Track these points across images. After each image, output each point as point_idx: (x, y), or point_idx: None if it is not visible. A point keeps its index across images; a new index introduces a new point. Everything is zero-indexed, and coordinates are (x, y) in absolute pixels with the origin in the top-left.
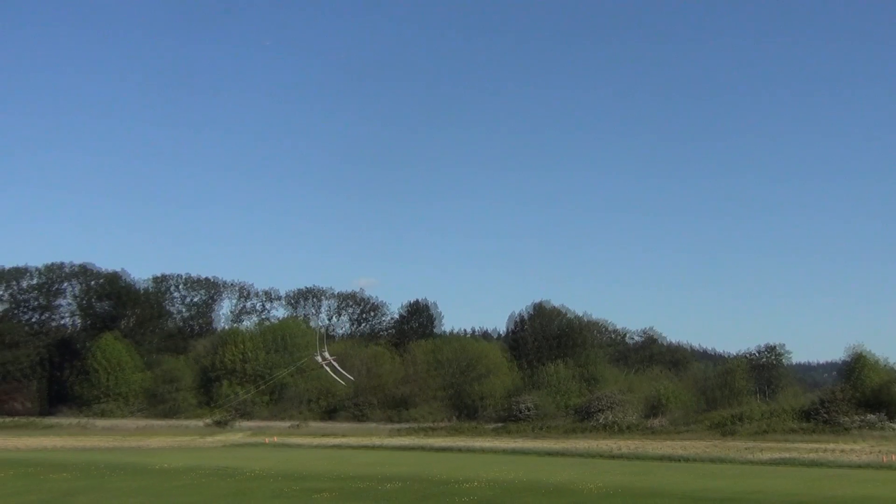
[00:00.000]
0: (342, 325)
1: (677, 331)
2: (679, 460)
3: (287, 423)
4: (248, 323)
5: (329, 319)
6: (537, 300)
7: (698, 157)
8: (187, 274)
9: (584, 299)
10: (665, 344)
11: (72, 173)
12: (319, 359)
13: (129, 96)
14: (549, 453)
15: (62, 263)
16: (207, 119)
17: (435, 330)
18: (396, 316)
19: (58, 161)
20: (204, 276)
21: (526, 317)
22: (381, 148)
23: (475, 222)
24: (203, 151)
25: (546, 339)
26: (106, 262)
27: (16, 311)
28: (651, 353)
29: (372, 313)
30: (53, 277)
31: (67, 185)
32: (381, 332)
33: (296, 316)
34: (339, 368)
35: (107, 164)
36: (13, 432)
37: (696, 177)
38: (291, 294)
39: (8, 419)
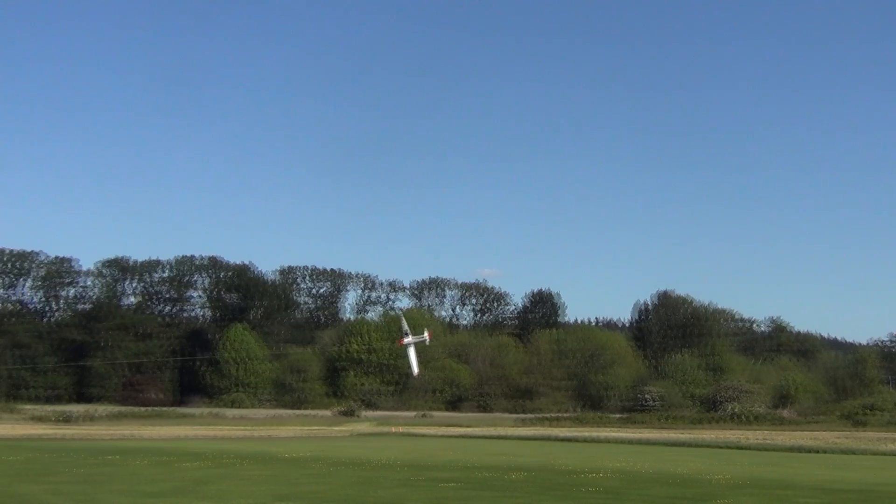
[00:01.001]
0: (465, 316)
1: (806, 319)
2: (809, 451)
3: (412, 413)
4: (373, 313)
5: (452, 310)
6: (662, 289)
7: (827, 150)
8: (313, 266)
9: (709, 287)
10: (793, 333)
11: (201, 171)
12: (409, 339)
13: (253, 99)
14: (676, 444)
15: (192, 256)
16: (325, 117)
17: (559, 320)
18: (520, 306)
19: (187, 160)
20: (329, 268)
21: (651, 306)
22: (504, 143)
23: (598, 211)
24: (325, 149)
25: (671, 328)
26: (234, 255)
27: (149, 304)
28: (779, 343)
29: (495, 303)
30: (184, 270)
31: (196, 182)
32: (505, 323)
33: (420, 306)
34: (412, 357)
35: (232, 163)
36: (148, 422)
37: (822, 168)
38: (415, 284)
39: (142, 409)
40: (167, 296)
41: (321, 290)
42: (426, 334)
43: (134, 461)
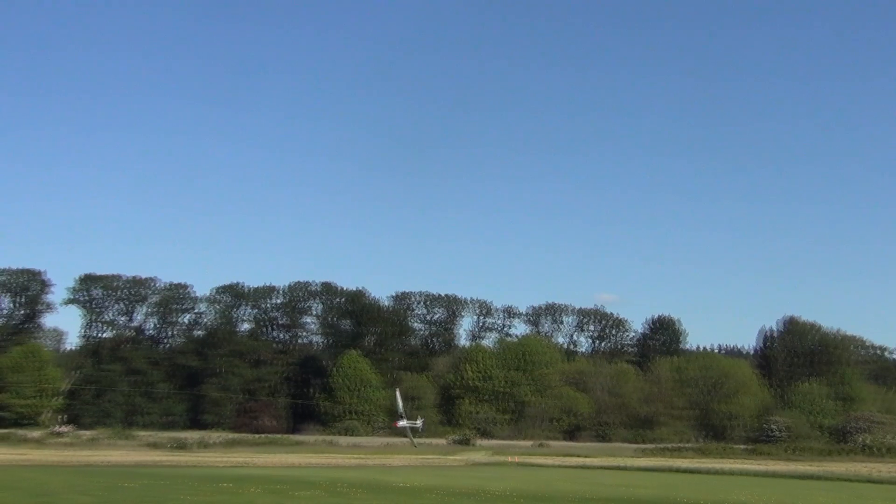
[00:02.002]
0: (583, 343)
1: None
2: None
3: (529, 442)
4: (489, 340)
5: (570, 336)
6: (787, 314)
7: None
8: (427, 291)
9: (838, 313)
10: None
11: (314, 199)
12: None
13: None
14: (804, 476)
15: (306, 282)
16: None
17: (680, 346)
18: (639, 332)
19: (299, 187)
20: (444, 293)
21: (777, 332)
22: (621, 170)
23: (721, 233)
24: (439, 172)
25: (798, 355)
26: (347, 281)
27: (263, 330)
28: None
29: (613, 330)
30: (298, 296)
31: (309, 208)
32: (624, 350)
33: (536, 332)
34: (408, 427)
35: (345, 189)
36: (261, 449)
37: None
38: (531, 310)
39: (256, 436)
40: (281, 322)
41: (435, 317)
42: (419, 422)
43: (248, 489)
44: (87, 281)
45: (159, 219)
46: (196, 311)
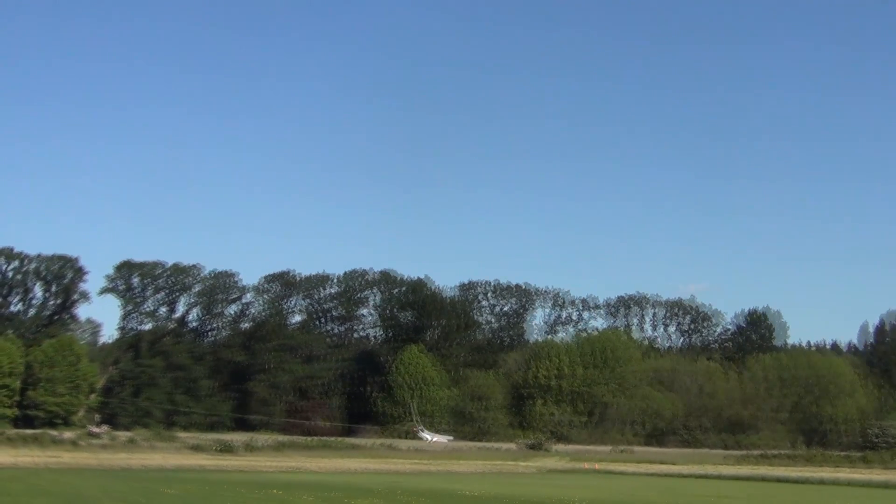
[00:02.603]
0: (669, 338)
1: None
2: None
3: (608, 448)
4: (564, 334)
5: (654, 330)
6: (892, 308)
7: None
8: (496, 280)
9: None
10: None
11: (370, 180)
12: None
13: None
14: None
15: (363, 270)
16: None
17: (777, 342)
18: (732, 327)
19: (356, 169)
20: (514, 283)
21: (888, 327)
22: (712, 149)
23: (824, 216)
24: (508, 151)
25: None
26: (408, 269)
27: (315, 322)
28: None
29: (703, 323)
30: (354, 286)
31: (366, 191)
32: (715, 346)
33: (617, 327)
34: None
35: (404, 170)
36: (314, 453)
37: None
38: (611, 302)
39: (308, 438)
40: (335, 314)
41: (505, 308)
42: (446, 439)
43: (299, 497)
44: (126, 268)
45: (203, 201)
46: (243, 301)
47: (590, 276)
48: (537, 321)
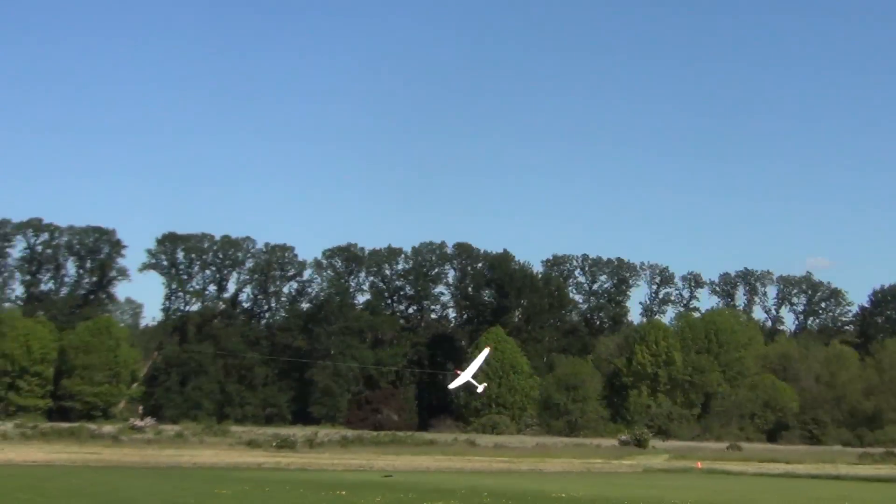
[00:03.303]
0: (788, 319)
1: None
2: None
3: (719, 444)
4: (667, 315)
5: (770, 311)
6: None
7: None
8: (589, 254)
9: None
10: None
11: (442, 142)
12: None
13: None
14: None
15: (438, 243)
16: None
17: None
18: (860, 306)
19: (425, 130)
20: (610, 257)
21: None
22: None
23: None
24: (603, 106)
25: None
26: (488, 242)
27: (384, 302)
28: None
29: (827, 303)
30: (427, 261)
31: (437, 154)
32: (840, 328)
33: (728, 306)
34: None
35: (483, 130)
36: (384, 449)
37: None
38: (721, 278)
39: (376, 433)
40: (406, 292)
41: (600, 286)
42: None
43: (367, 498)
44: (169, 241)
45: (253, 168)
46: (301, 278)
47: (697, 249)
48: (637, 300)
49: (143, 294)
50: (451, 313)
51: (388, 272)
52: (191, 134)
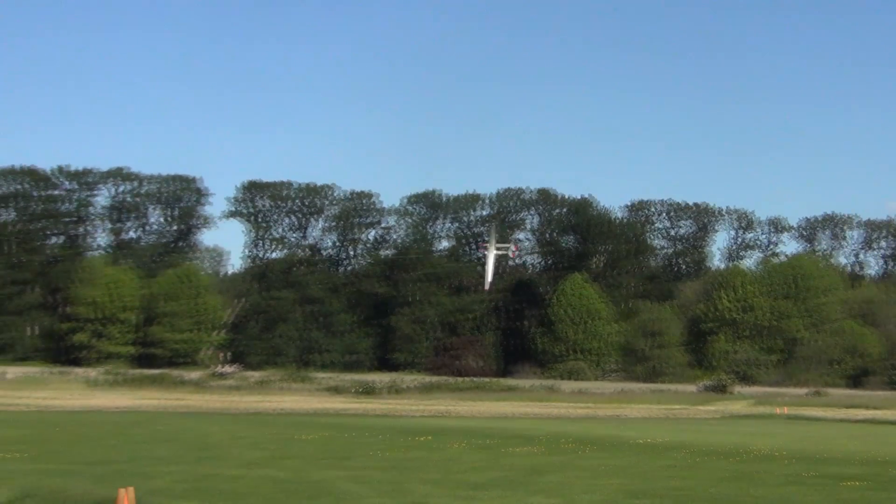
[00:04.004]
0: (873, 264)
1: None
2: None
3: (801, 390)
4: (750, 261)
5: (855, 256)
6: None
7: None
8: (671, 199)
9: None
10: None
11: (521, 87)
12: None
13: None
14: None
15: (519, 189)
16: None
17: None
18: None
19: (502, 83)
20: (692, 202)
21: None
22: None
23: None
24: (688, 45)
25: None
26: (569, 187)
27: (466, 249)
28: None
29: None
30: (508, 206)
31: (514, 98)
32: None
33: (811, 251)
34: (489, 266)
35: (557, 79)
36: (466, 395)
37: None
38: (804, 223)
39: (458, 379)
40: (488, 239)
41: (682, 231)
42: (512, 247)
43: (450, 444)
44: (252, 189)
45: (331, 117)
46: (383, 225)
47: (780, 193)
48: (719, 245)
49: (227, 241)
50: (533, 260)
51: (469, 219)
52: (272, 83)
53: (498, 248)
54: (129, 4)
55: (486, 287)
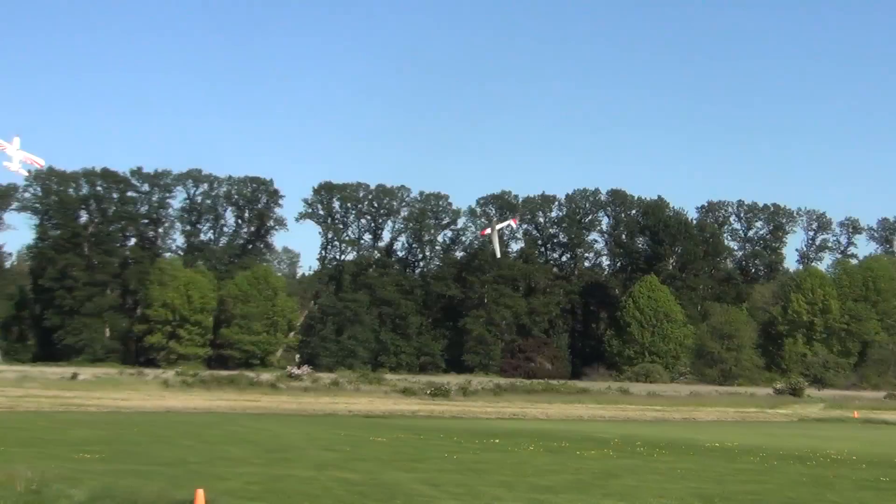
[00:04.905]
0: None
1: None
2: None
3: (877, 394)
4: (824, 263)
5: None
6: None
7: None
8: (744, 200)
9: None
10: None
11: (593, 87)
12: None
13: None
14: None
15: (591, 190)
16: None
17: None
18: None
19: (575, 76)
20: (766, 203)
21: None
22: None
23: None
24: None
25: None
26: (641, 188)
27: (537, 251)
28: None
29: None
30: (580, 208)
31: (586, 99)
32: None
33: (887, 252)
34: (495, 241)
35: (631, 82)
36: (537, 398)
37: None
38: (880, 224)
39: (530, 381)
40: (559, 240)
41: (755, 233)
42: (511, 221)
43: (522, 447)
44: (325, 191)
45: (405, 119)
46: (455, 227)
47: (855, 194)
48: (793, 247)
49: (300, 243)
50: (605, 261)
51: (541, 220)
52: (345, 86)
53: (500, 225)
54: (208, 11)
55: (498, 256)
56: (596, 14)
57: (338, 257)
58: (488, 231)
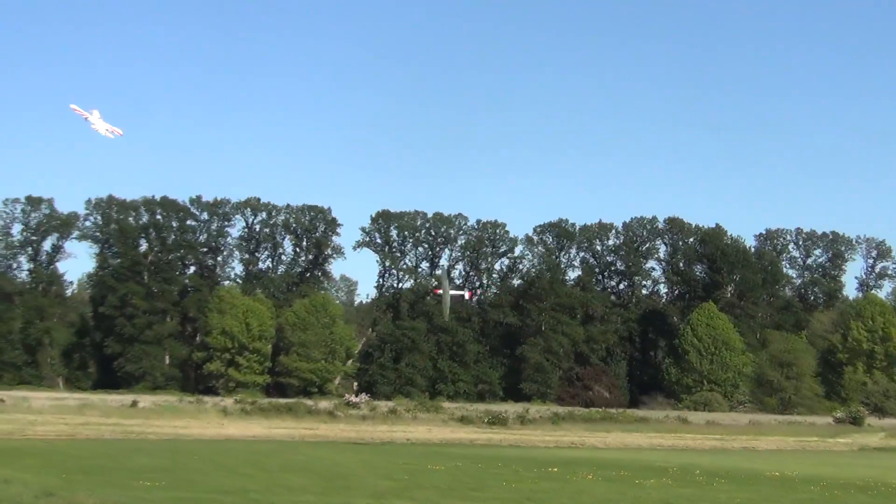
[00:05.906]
0: None
1: None
2: None
3: None
4: (885, 290)
5: None
6: None
7: None
8: (802, 228)
9: None
10: None
11: (650, 119)
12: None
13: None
14: None
15: (648, 218)
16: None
17: None
18: None
19: (635, 105)
20: (825, 231)
21: None
22: None
23: None
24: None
25: None
26: (699, 216)
27: (595, 278)
28: None
29: None
30: (638, 235)
31: (645, 130)
32: None
33: None
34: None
35: (689, 111)
36: (595, 426)
37: None
38: None
39: (587, 410)
40: (617, 268)
41: (814, 260)
42: (466, 293)
43: (579, 475)
44: (383, 219)
45: (462, 147)
46: (512, 255)
47: None
48: (853, 274)
49: (358, 271)
50: (663, 289)
51: (598, 247)
52: (404, 115)
53: (453, 292)
54: (244, 43)
55: (445, 318)
56: (660, 49)
57: (395, 285)
58: (440, 291)
